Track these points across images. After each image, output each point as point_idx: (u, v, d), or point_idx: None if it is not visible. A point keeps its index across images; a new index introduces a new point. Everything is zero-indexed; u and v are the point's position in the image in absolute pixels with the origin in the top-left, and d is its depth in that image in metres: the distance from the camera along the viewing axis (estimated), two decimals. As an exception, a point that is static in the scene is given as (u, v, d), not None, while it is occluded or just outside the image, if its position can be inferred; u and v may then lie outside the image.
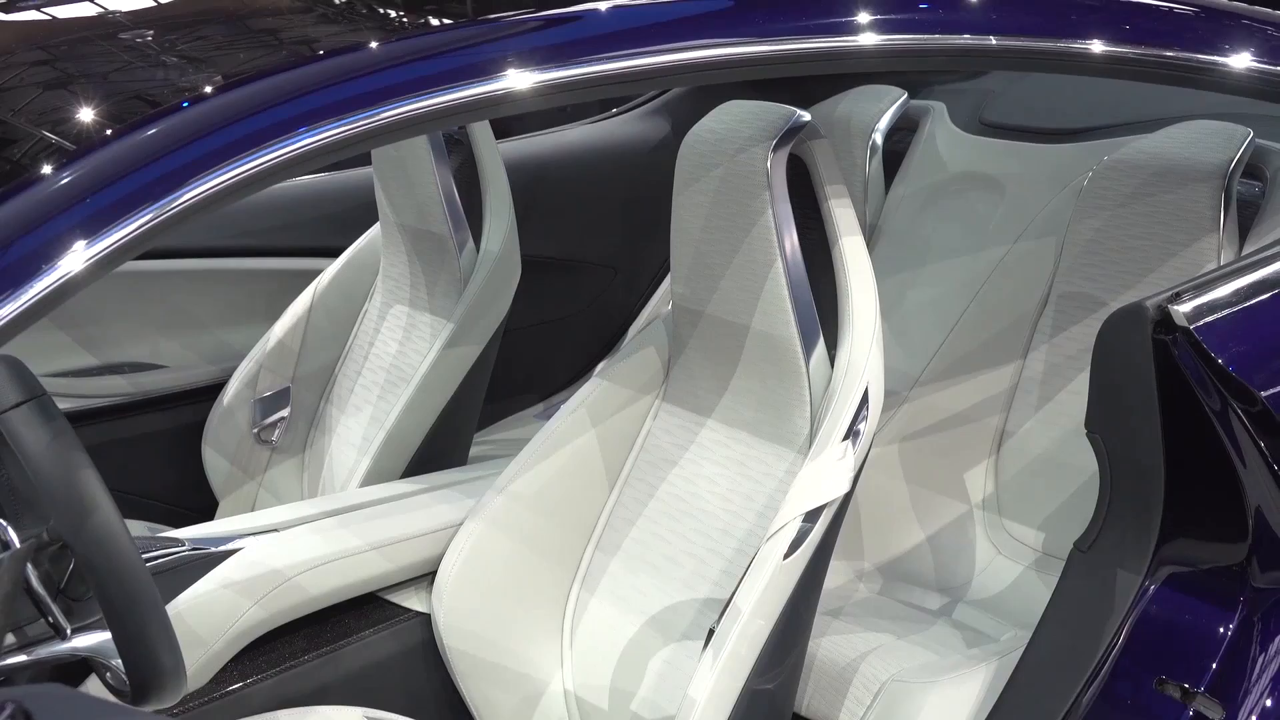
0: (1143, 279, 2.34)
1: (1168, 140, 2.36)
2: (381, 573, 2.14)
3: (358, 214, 2.98)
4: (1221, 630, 1.67)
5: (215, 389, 2.82)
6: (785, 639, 1.82)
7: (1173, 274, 2.29)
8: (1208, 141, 2.30)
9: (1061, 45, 1.69)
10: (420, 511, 2.21)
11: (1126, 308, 1.62)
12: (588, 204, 3.41)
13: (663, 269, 3.50)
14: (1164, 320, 1.58)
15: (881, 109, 2.92)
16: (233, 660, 2.04)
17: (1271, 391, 1.57)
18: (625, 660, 2.07)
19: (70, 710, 1.17)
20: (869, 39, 1.61)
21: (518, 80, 1.42)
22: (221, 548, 2.06)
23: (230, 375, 2.81)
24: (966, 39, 1.65)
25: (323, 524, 2.16)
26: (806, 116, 1.95)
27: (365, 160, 2.91)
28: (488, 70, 1.42)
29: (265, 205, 3.01)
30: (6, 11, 1.92)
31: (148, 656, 1.46)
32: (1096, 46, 1.69)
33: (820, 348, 1.96)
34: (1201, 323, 1.57)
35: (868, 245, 2.76)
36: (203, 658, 1.99)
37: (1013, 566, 2.46)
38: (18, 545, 1.50)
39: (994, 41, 1.66)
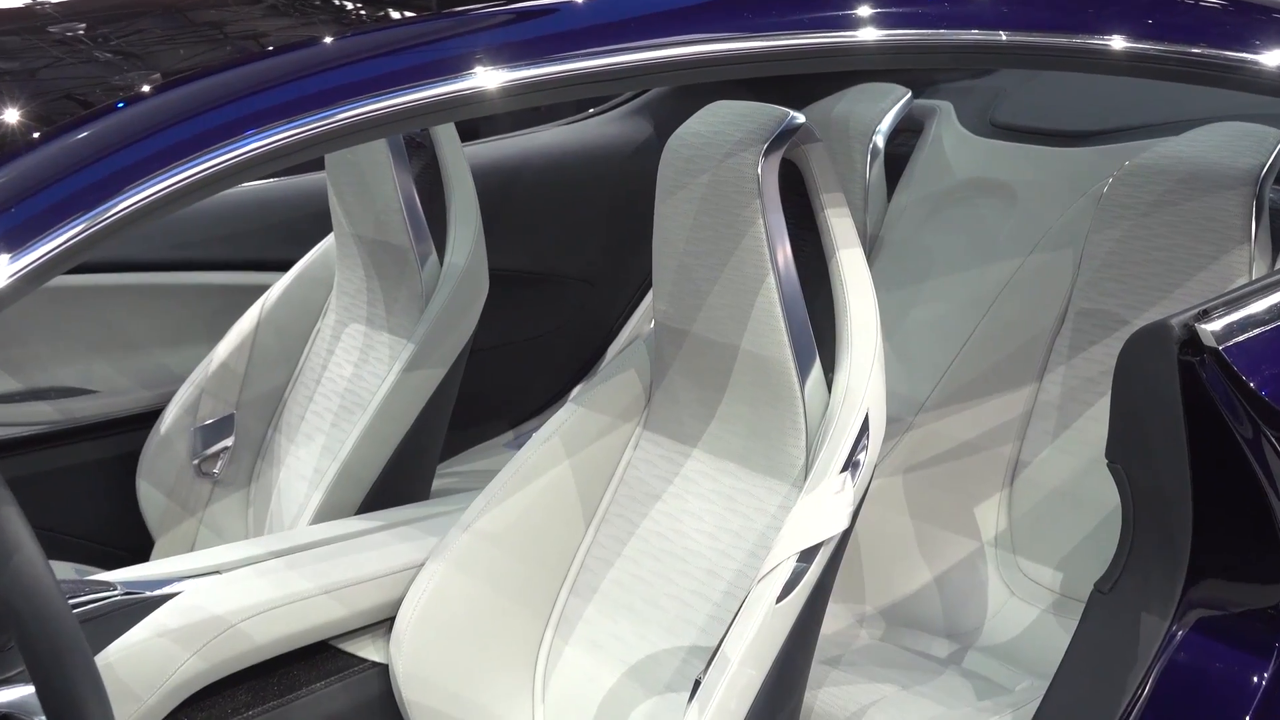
0: (1168, 295, 2.35)
1: (1194, 143, 2.38)
2: (334, 619, 2.14)
3: (310, 224, 2.97)
4: (1255, 680, 1.67)
5: (151, 416, 2.81)
6: (779, 690, 1.82)
7: (1200, 289, 2.31)
8: (1238, 145, 2.32)
9: (1078, 41, 1.70)
10: (377, 551, 2.21)
11: (1150, 326, 1.63)
12: (562, 213, 3.41)
13: (644, 284, 3.50)
14: (1191, 340, 1.59)
15: (883, 109, 2.93)
16: (169, 716, 2.03)
17: (1308, 418, 1.58)
18: (603, 714, 2.06)
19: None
20: (869, 34, 1.62)
21: (486, 79, 1.43)
22: (157, 592, 2.04)
23: (168, 401, 2.80)
24: (975, 34, 1.66)
25: (270, 565, 2.15)
26: (801, 118, 1.96)
27: (318, 165, 2.91)
28: (454, 68, 1.42)
29: (208, 214, 3.01)
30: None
31: (75, 712, 1.45)
32: (1116, 43, 1.71)
33: (816, 370, 1.97)
34: (1232, 343, 1.58)
35: (868, 258, 2.77)
36: (136, 713, 1.98)
37: (1028, 610, 2.46)
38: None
39: (1004, 37, 1.67)
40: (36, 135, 1.33)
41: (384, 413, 2.55)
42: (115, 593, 2.01)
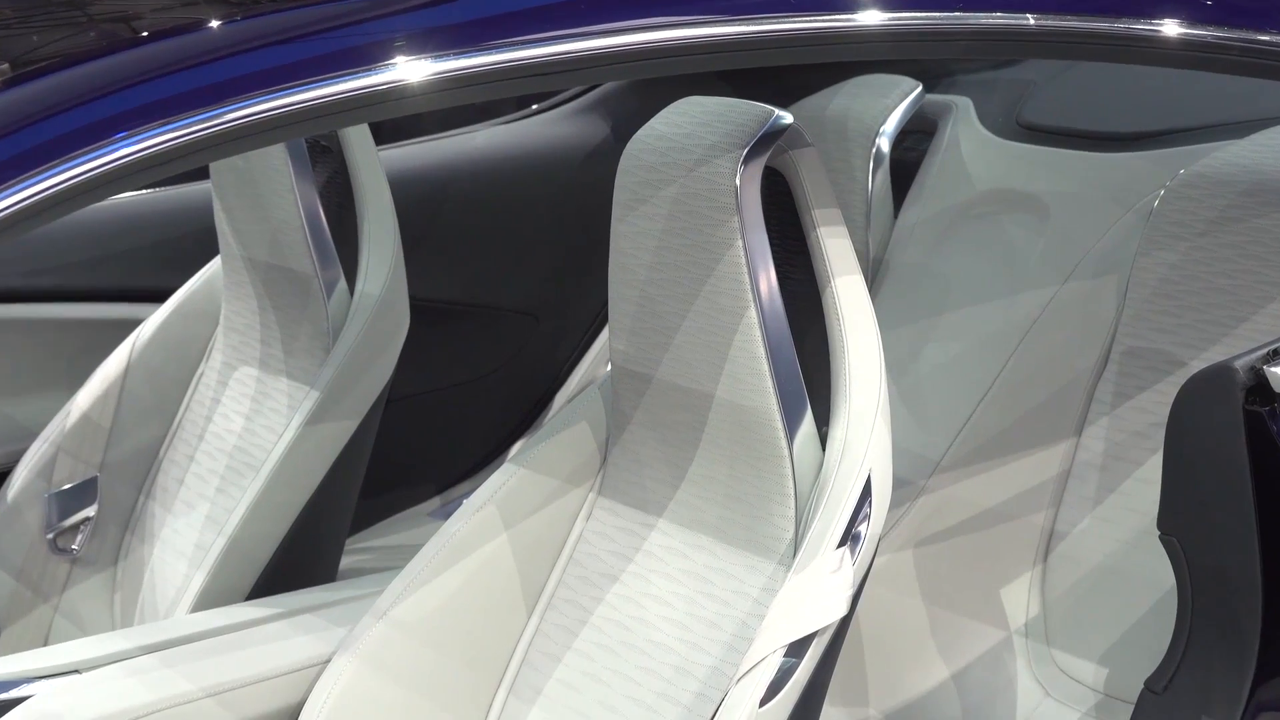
0: (1231, 331, 2.37)
1: (1262, 148, 2.40)
2: (221, 727, 2.13)
3: (191, 245, 2.97)
4: (1339, 797, 1.68)
5: (-3, 479, 2.80)
6: (764, 814, 1.82)
7: (1270, 324, 2.32)
8: (1314, 150, 2.34)
9: (1121, 27, 1.72)
10: (273, 645, 2.20)
11: (1210, 369, 1.65)
12: (499, 232, 3.41)
13: (599, 318, 3.51)
14: (1259, 386, 1.60)
15: (888, 106, 2.95)
16: None
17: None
18: (550, 844, 2.06)
19: None
20: (872, 17, 1.63)
21: (408, 70, 1.43)
22: (3, 695, 2.03)
23: (16, 461, 2.78)
24: (998, 18, 1.68)
25: (141, 662, 2.14)
26: (788, 118, 1.97)
27: (202, 174, 2.91)
28: (369, 57, 1.43)
29: (67, 234, 3.00)
30: None
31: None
32: (1168, 28, 1.72)
33: (808, 423, 1.97)
34: (1308, 389, 1.59)
35: (870, 286, 2.78)
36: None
37: (1066, 713, 2.47)
38: None
39: (1032, 21, 1.69)
40: None
41: (281, 476, 2.54)
42: (-51, 697, 2.00)
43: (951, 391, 2.65)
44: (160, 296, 2.87)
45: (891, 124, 2.93)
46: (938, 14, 1.66)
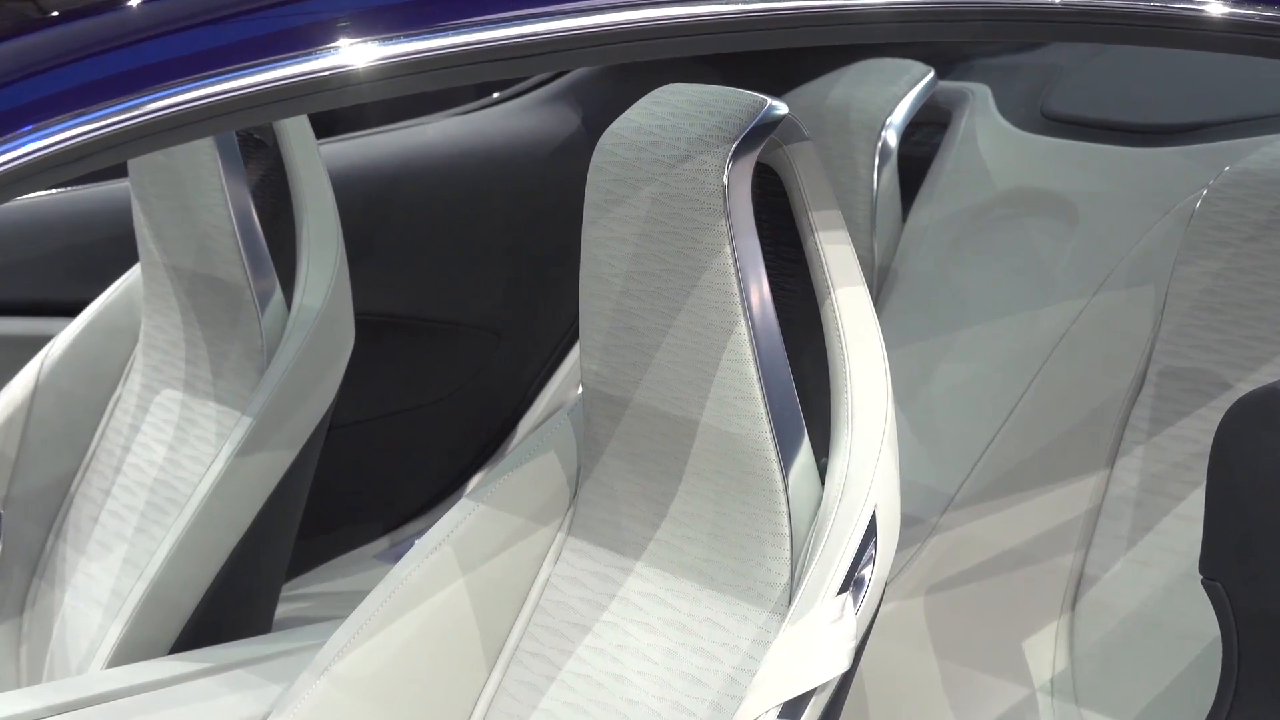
0: (1283, 349, 2.38)
1: (1316, 143, 2.41)
2: (141, 798, 2.13)
3: (106, 251, 2.97)
4: None
5: (-115, 518, 2.80)
6: None
7: (1327, 341, 2.34)
8: (1375, 145, 2.35)
9: (1159, 5, 1.72)
10: (201, 704, 2.20)
11: (1259, 392, 1.65)
12: (456, 237, 3.41)
13: (568, 335, 3.51)
14: (1314, 411, 1.61)
15: (896, 95, 2.95)
16: None
17: None
18: None
19: None
20: (877, -7, 1.64)
21: (354, 54, 1.43)
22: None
23: (-93, 496, 2.79)
24: (1019, -5, 1.68)
25: (50, 724, 2.14)
26: (783, 107, 1.97)
27: (120, 171, 2.91)
28: (309, 39, 1.43)
29: (-35, 239, 3.00)
30: None
31: None
32: (1213, 7, 1.72)
33: (805, 453, 1.98)
34: (1369, 415, 1.60)
35: (876, 298, 2.78)
36: None
37: (1097, 780, 2.47)
38: None
39: (1058, 0, 1.69)
40: None
41: (208, 514, 2.54)
42: None
43: (967, 417, 2.65)
44: (71, 310, 2.87)
45: (899, 115, 2.94)
46: (952, -10, 1.67)
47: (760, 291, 1.96)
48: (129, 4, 1.45)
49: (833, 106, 2.95)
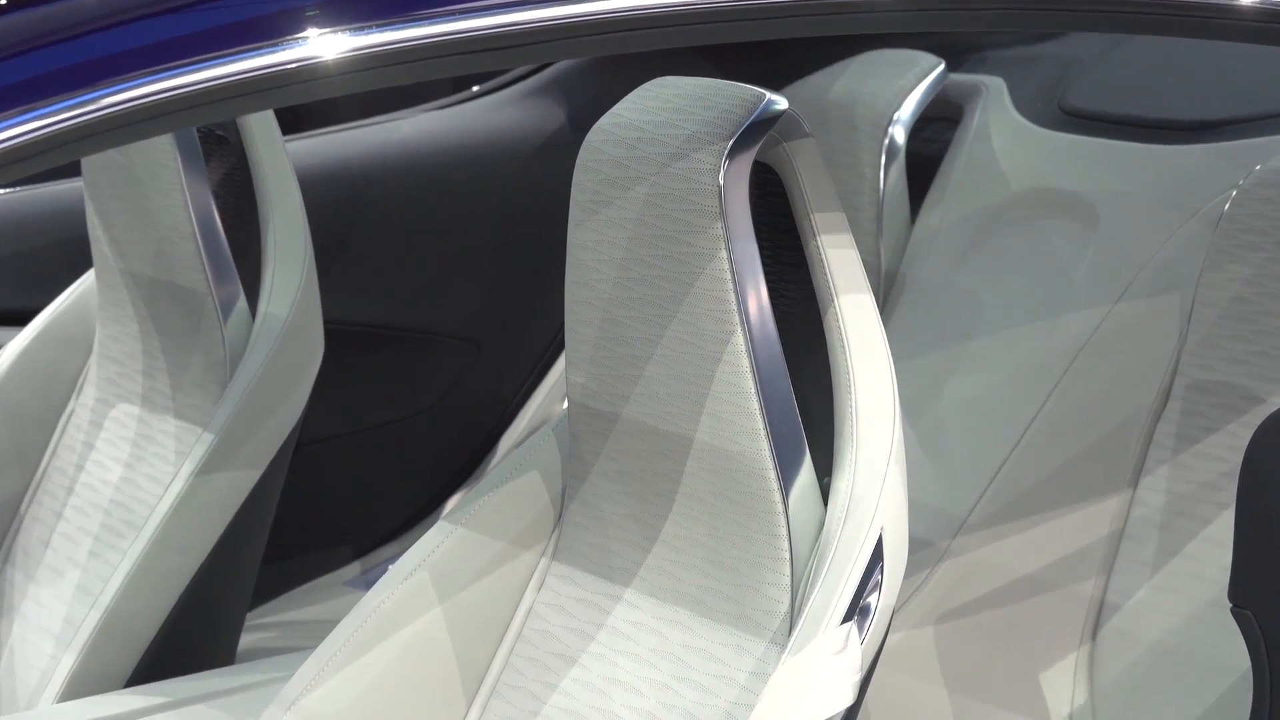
0: (1318, 361, 2.38)
1: (1353, 141, 2.41)
2: (94, 843, 2.13)
3: (58, 256, 2.97)
4: None
5: None
6: None
7: (1365, 353, 2.34)
8: None
9: (1185, -7, 1.72)
10: (158, 742, 2.19)
11: (1292, 408, 1.65)
12: (433, 240, 3.41)
13: (553, 346, 3.51)
14: (1351, 428, 1.61)
15: (903, 88, 2.96)
16: None
17: None
18: None
19: None
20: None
21: (323, 45, 1.43)
22: None
23: None
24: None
25: (-3, 764, 2.14)
26: (783, 102, 1.97)
27: (73, 170, 2.91)
28: (275, 29, 1.43)
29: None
30: None
31: None
32: (1242, -4, 1.73)
33: (806, 472, 1.98)
34: None
35: (882, 305, 2.78)
36: None
37: (1118, 823, 2.47)
38: None
39: (1079, -14, 1.69)
40: None
41: (168, 537, 2.54)
42: None
43: (980, 434, 2.65)
44: (20, 319, 2.87)
45: (908, 110, 2.95)
46: (962, -23, 1.67)
47: (758, 299, 1.96)
48: (82, -10, 1.45)
49: (836, 101, 2.96)
